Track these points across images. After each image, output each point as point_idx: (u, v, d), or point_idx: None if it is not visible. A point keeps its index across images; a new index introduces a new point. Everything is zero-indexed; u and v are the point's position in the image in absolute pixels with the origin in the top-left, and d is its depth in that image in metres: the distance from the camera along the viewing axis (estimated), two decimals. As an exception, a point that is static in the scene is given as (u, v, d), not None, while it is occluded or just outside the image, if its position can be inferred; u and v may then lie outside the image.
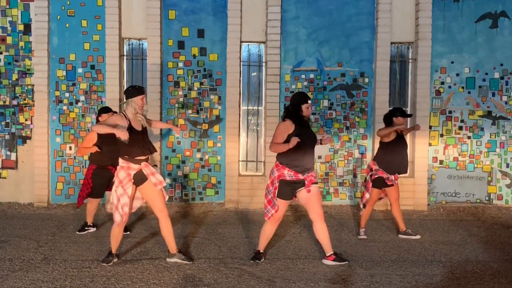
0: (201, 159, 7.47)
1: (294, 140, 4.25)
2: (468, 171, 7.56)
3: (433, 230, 6.07)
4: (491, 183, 7.57)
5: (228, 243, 5.36)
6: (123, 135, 4.15)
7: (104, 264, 4.48)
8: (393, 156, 5.45)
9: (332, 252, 4.64)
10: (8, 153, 7.44)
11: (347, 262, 4.62)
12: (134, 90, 4.43)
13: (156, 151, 4.59)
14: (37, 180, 7.30)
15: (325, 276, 4.26)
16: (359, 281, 4.17)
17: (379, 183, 5.53)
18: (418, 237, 5.65)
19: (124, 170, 4.38)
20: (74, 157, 7.39)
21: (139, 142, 4.39)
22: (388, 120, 5.52)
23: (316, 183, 4.58)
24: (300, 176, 4.48)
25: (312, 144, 4.56)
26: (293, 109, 4.54)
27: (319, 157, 7.47)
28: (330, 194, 7.50)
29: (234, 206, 7.30)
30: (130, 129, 4.32)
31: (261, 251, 4.72)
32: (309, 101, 4.56)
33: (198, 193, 7.49)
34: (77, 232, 5.67)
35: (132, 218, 6.29)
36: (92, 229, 5.76)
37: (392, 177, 5.50)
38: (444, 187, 7.56)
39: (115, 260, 4.57)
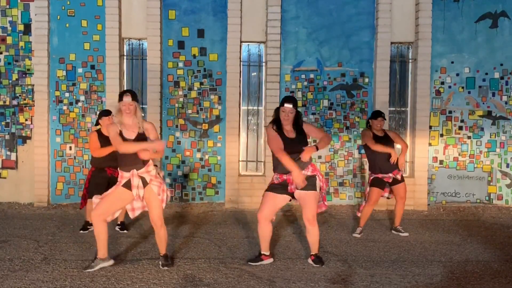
0: (201, 159, 7.46)
1: None
2: (468, 171, 7.56)
3: (433, 230, 6.07)
4: (491, 183, 7.57)
5: (228, 243, 5.36)
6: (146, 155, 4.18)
7: (165, 268, 4.41)
8: (375, 157, 5.59)
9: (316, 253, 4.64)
10: (8, 153, 7.44)
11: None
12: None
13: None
14: (37, 180, 7.30)
15: (325, 276, 4.26)
16: (359, 281, 4.17)
17: (378, 183, 5.59)
18: (406, 234, 5.74)
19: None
20: (74, 157, 7.39)
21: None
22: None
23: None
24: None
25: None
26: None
27: (319, 157, 7.47)
28: (330, 194, 7.50)
29: (234, 206, 7.30)
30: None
31: (262, 253, 4.64)
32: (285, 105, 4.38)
33: (198, 193, 7.48)
34: (80, 231, 5.68)
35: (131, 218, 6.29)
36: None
37: (390, 174, 5.56)
38: (444, 187, 7.56)
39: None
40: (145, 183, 4.27)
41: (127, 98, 4.20)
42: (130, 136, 4.25)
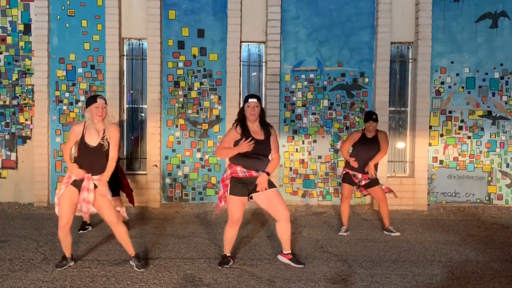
0: (201, 159, 7.47)
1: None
2: (468, 171, 7.56)
3: (433, 230, 6.07)
4: (491, 183, 7.57)
5: (228, 243, 5.35)
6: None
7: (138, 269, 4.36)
8: (355, 153, 5.72)
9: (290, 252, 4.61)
10: (8, 153, 7.44)
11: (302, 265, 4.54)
12: (90, 99, 4.33)
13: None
14: (37, 180, 7.30)
15: (325, 276, 4.26)
16: (359, 281, 4.17)
17: (349, 179, 5.76)
18: (398, 234, 5.77)
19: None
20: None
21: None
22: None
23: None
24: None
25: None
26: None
27: (319, 157, 7.48)
28: (330, 194, 7.50)
29: (234, 206, 7.29)
30: (81, 142, 4.33)
31: (227, 255, 4.59)
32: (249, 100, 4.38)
33: (198, 193, 7.49)
34: (79, 231, 5.68)
35: (131, 218, 6.30)
36: (90, 228, 5.82)
37: (359, 175, 5.68)
38: (444, 187, 7.56)
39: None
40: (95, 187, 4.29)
41: (100, 100, 4.28)
42: (93, 142, 4.33)
